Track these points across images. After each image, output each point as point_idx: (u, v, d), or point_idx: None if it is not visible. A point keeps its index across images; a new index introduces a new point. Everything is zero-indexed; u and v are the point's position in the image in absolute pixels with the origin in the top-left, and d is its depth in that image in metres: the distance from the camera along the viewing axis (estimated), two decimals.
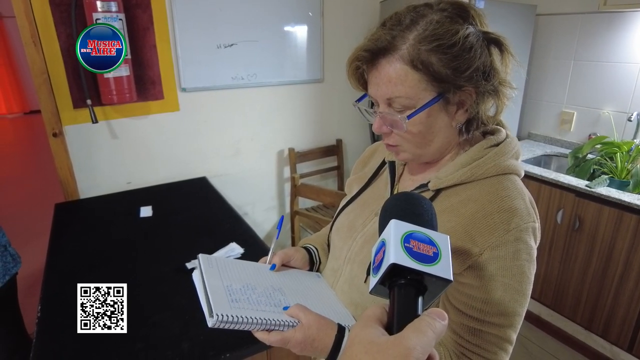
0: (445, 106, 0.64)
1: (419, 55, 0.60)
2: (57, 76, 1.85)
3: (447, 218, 0.66)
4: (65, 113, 1.90)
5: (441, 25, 0.60)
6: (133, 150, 2.10)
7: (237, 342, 1.05)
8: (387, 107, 0.66)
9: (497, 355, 0.64)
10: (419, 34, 0.60)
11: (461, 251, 0.63)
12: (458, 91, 0.62)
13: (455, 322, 0.65)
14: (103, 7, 1.77)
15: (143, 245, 1.56)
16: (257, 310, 0.65)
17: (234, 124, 2.37)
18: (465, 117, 0.66)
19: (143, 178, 2.13)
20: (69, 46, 1.83)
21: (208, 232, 1.66)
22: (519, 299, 0.63)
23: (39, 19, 1.77)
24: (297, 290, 0.78)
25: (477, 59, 0.61)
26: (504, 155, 0.68)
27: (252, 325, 0.62)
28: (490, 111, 0.68)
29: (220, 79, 2.25)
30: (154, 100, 2.07)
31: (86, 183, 2.01)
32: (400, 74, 0.61)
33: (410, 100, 0.63)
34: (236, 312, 0.62)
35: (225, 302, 0.63)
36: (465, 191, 0.68)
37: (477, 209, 0.64)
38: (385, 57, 0.62)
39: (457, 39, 0.59)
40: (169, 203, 1.93)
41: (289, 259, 0.85)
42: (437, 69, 0.60)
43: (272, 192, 2.64)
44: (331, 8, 2.47)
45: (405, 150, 0.70)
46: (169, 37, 2.04)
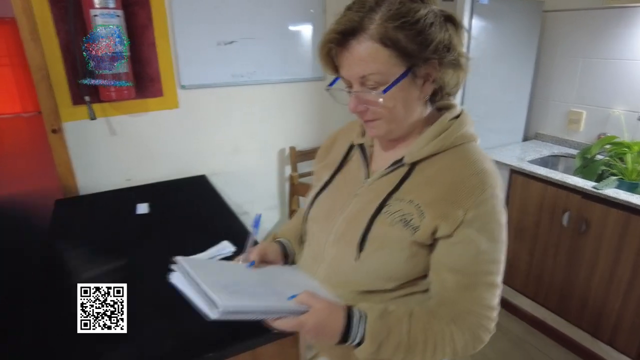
0: (414, 79, 0.70)
1: (387, 33, 0.65)
2: (56, 73, 1.86)
3: (428, 189, 0.73)
4: (64, 109, 1.90)
5: (403, 4, 0.66)
6: (132, 148, 2.09)
7: (228, 339, 1.03)
8: (361, 86, 0.71)
9: (492, 301, 0.73)
10: (384, 14, 0.66)
11: (448, 216, 0.69)
12: (424, 64, 0.69)
13: (450, 283, 0.72)
14: (101, 4, 1.77)
15: (138, 242, 1.55)
16: (260, 300, 0.69)
17: (233, 121, 2.35)
18: (432, 88, 0.74)
19: (142, 175, 2.12)
20: (67, 42, 1.83)
21: (202, 230, 1.64)
22: (501, 247, 0.72)
23: (38, 16, 1.77)
24: (283, 281, 0.81)
25: (438, 33, 0.67)
26: (465, 125, 0.77)
27: (259, 314, 0.65)
28: (453, 82, 0.75)
29: (220, 77, 2.23)
30: (153, 98, 2.06)
31: (85, 180, 2.01)
32: (371, 52, 0.67)
33: (383, 76, 0.68)
34: (240, 301, 0.65)
35: (225, 294, 0.64)
36: (438, 162, 0.75)
37: (454, 175, 0.72)
38: (355, 38, 0.67)
39: (420, 16, 0.66)
40: (167, 200, 1.92)
41: (265, 253, 0.88)
42: (405, 45, 0.66)
43: (272, 191, 2.61)
44: (333, 5, 2.44)
45: (380, 125, 0.75)
46: (168, 34, 2.03)
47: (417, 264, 0.74)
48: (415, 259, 0.74)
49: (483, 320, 0.72)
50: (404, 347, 0.71)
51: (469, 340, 0.72)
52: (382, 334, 0.70)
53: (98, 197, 1.97)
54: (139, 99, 2.00)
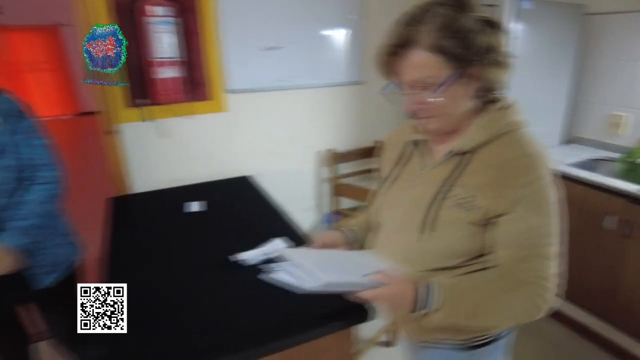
0: (461, 79, 0.79)
1: (435, 42, 0.76)
2: (113, 77, 1.96)
3: (481, 173, 0.82)
4: (118, 112, 2.01)
5: (445, 16, 0.76)
6: (180, 149, 2.19)
7: (288, 330, 1.08)
8: (414, 88, 0.82)
9: (547, 272, 0.80)
10: (430, 26, 0.76)
11: (501, 196, 0.78)
12: (469, 65, 0.78)
13: (507, 258, 0.81)
14: (155, 12, 1.87)
15: (189, 238, 1.63)
16: (346, 277, 0.84)
17: (275, 124, 2.43)
18: (477, 86, 0.82)
19: (188, 175, 2.21)
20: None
21: (251, 228, 1.70)
22: (552, 222, 0.80)
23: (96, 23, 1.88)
24: (357, 263, 0.94)
25: (479, 37, 0.77)
26: (514, 114, 0.86)
27: (345, 286, 0.82)
28: (496, 79, 0.83)
29: (263, 81, 2.31)
30: (201, 101, 2.15)
31: (136, 179, 2.12)
32: (423, 59, 0.78)
33: (433, 79, 0.79)
34: (334, 276, 0.81)
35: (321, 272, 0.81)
36: (489, 149, 0.83)
37: (504, 159, 0.80)
38: (408, 48, 0.79)
39: (461, 24, 0.76)
40: (215, 199, 1.99)
41: (328, 239, 1.08)
42: (450, 50, 0.76)
43: (310, 193, 2.67)
44: (371, 11, 2.49)
45: (432, 121, 0.86)
46: (216, 40, 2.12)
47: (476, 242, 0.83)
48: (474, 238, 0.83)
49: (539, 290, 0.80)
50: (470, 315, 0.82)
51: (527, 309, 0.81)
52: (448, 303, 0.80)
53: (148, 195, 2.07)
54: (188, 102, 2.09)
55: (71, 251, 1.50)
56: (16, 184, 1.30)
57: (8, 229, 1.27)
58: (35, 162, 1.33)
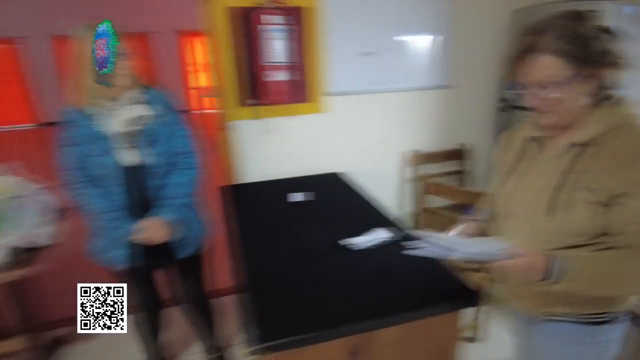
0: (579, 79, 0.90)
1: (558, 47, 0.89)
2: (229, 80, 2.21)
3: (602, 159, 0.92)
4: (232, 110, 2.26)
5: (566, 25, 0.90)
6: (282, 145, 2.41)
7: (397, 308, 1.22)
8: (538, 87, 0.94)
9: None
10: (554, 33, 0.90)
11: (621, 178, 0.89)
12: (586, 66, 0.89)
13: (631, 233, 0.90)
14: (269, 20, 2.09)
15: (298, 223, 1.81)
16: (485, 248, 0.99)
17: (365, 126, 2.58)
18: (593, 84, 0.92)
19: (288, 169, 2.43)
20: (238, 53, 2.17)
21: (351, 218, 1.85)
22: None
23: (220, 31, 2.14)
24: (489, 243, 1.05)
25: (596, 42, 0.89)
26: (628, 107, 0.96)
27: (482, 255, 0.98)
28: (611, 78, 0.93)
29: (357, 85, 2.48)
30: (302, 103, 2.36)
31: (243, 171, 2.36)
32: (547, 62, 0.91)
33: (556, 79, 0.90)
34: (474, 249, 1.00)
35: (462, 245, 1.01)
36: (607, 139, 0.93)
37: (622, 146, 0.91)
38: (534, 53, 0.92)
39: (580, 31, 0.89)
40: (312, 192, 2.17)
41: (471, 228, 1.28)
42: (571, 54, 0.88)
43: (392, 191, 2.79)
44: (462, 17, 2.57)
45: (552, 116, 0.97)
46: (319, 47, 2.32)
47: (599, 221, 0.93)
48: (597, 217, 0.93)
49: None
50: (598, 282, 0.93)
51: None
52: (577, 271, 0.91)
53: (255, 185, 2.30)
54: (292, 103, 2.30)
55: (203, 228, 1.74)
56: (167, 168, 1.55)
57: (163, 205, 1.52)
58: (181, 150, 1.57)
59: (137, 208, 1.51)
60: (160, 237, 1.51)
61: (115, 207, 1.48)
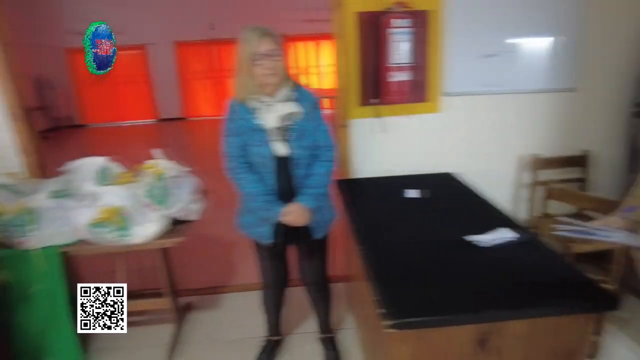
0: None
1: None
2: (353, 79, 2.36)
3: None
4: (352, 109, 2.40)
5: None
6: (396, 143, 2.51)
7: (529, 302, 1.24)
8: None
9: None
10: None
11: None
12: None
13: None
14: (397, 24, 2.19)
15: (417, 218, 1.88)
16: None
17: (480, 127, 2.57)
18: None
19: (401, 167, 2.50)
20: (364, 55, 2.31)
21: (472, 217, 1.88)
22: None
23: (348, 34, 2.29)
24: None
25: None
26: None
27: None
28: None
29: (474, 85, 2.48)
30: (420, 102, 2.43)
31: (359, 166, 2.50)
32: None
33: None
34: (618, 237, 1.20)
35: None
36: None
37: None
38: None
39: None
40: (426, 189, 2.22)
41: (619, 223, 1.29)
42: None
43: (507, 195, 2.73)
44: (594, 17, 2.43)
45: None
46: (440, 48, 2.37)
47: None
48: None
49: None
50: None
51: None
52: None
53: (370, 180, 2.42)
54: (411, 102, 2.38)
55: (333, 214, 1.91)
56: (310, 159, 1.72)
57: (305, 193, 1.70)
58: (323, 143, 1.74)
59: (284, 193, 1.71)
60: (301, 221, 1.70)
61: (267, 191, 1.69)
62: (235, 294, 2.76)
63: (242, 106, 1.66)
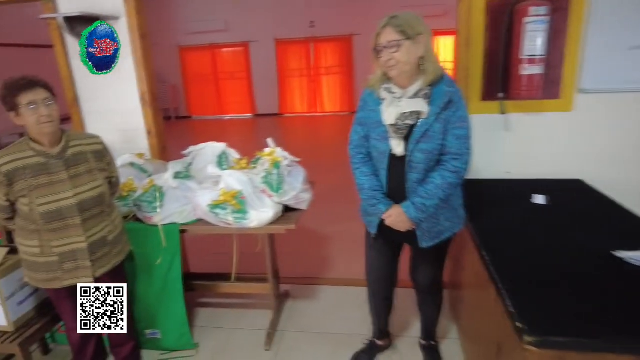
0: None
1: None
2: (474, 72, 2.20)
3: None
4: (472, 104, 2.23)
5: None
6: (520, 144, 2.28)
7: None
8: None
9: None
10: None
11: None
12: None
13: None
14: (533, 12, 1.98)
15: (551, 227, 1.69)
16: None
17: (622, 129, 2.23)
18: None
19: (524, 170, 2.29)
20: (491, 47, 2.13)
21: (617, 229, 1.64)
22: None
23: (473, 26, 2.13)
24: None
25: None
26: None
27: None
28: None
29: (619, 82, 2.15)
30: (551, 99, 2.18)
31: (476, 166, 2.30)
32: None
33: None
34: None
35: None
36: None
37: None
38: None
39: None
40: (554, 195, 1.99)
41: None
42: None
43: None
44: None
45: None
46: (579, 39, 2.10)
47: None
48: None
49: None
50: None
51: None
52: None
53: (489, 183, 2.24)
54: (542, 99, 2.14)
55: (457, 224, 1.70)
56: (429, 164, 1.52)
57: (411, 201, 1.54)
58: (450, 150, 1.50)
59: (395, 194, 1.60)
60: (400, 227, 1.59)
61: (376, 187, 1.61)
62: (330, 287, 2.75)
63: (371, 96, 1.60)
